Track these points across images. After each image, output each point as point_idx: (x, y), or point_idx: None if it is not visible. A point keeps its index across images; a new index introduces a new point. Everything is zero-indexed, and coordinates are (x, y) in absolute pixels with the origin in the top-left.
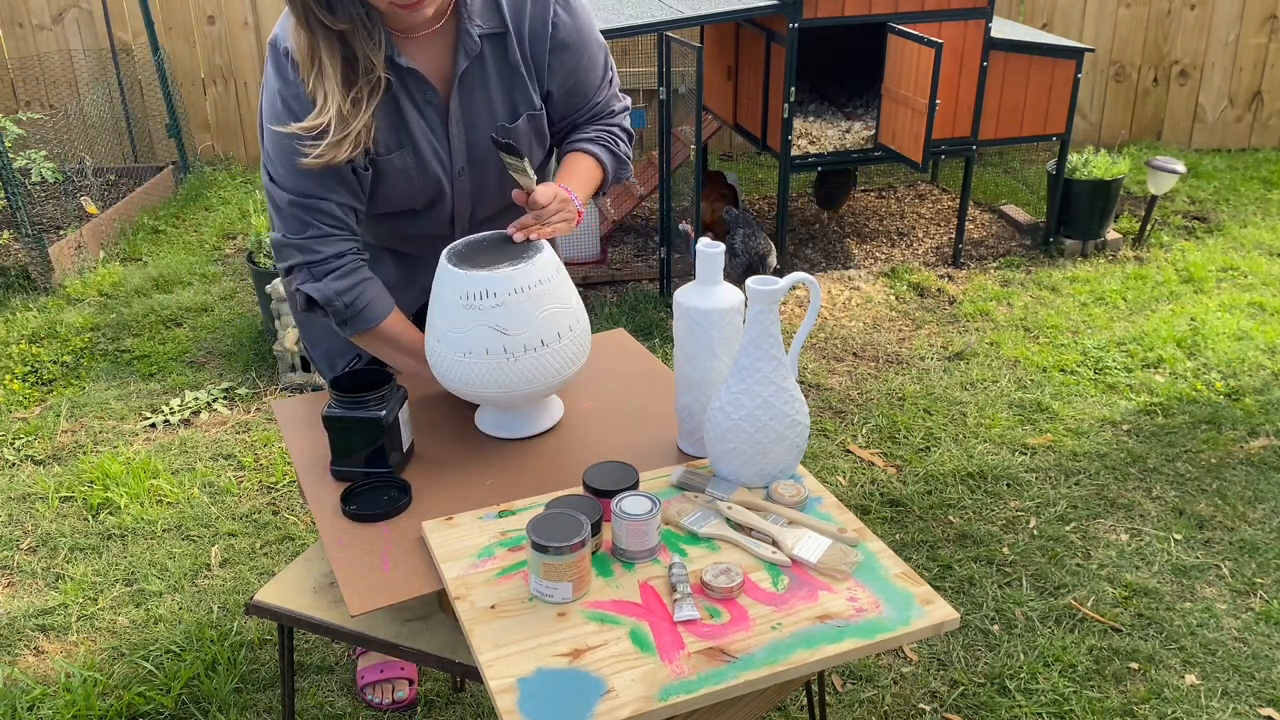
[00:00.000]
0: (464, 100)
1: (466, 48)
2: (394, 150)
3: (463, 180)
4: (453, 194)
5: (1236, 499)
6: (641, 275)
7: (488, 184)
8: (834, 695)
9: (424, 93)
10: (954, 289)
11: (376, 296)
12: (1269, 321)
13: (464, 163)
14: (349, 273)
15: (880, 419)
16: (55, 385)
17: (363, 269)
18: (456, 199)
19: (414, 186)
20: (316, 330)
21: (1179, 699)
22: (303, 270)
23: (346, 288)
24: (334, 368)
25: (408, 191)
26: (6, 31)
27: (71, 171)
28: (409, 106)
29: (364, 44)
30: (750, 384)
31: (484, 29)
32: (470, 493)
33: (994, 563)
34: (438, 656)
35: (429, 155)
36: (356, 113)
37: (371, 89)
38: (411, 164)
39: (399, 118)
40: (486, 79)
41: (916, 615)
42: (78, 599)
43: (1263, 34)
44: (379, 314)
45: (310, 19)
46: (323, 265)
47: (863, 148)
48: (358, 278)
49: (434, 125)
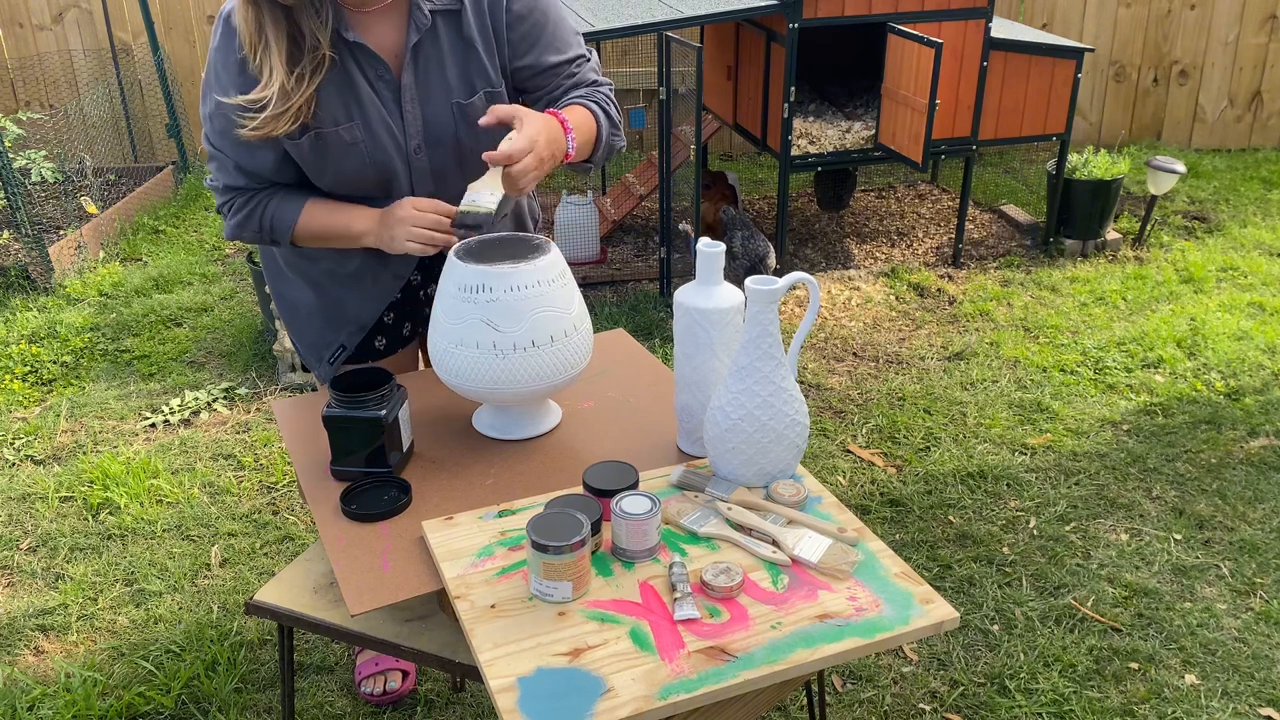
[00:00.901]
0: (418, 76)
1: (417, 22)
2: (342, 123)
3: (420, 158)
4: (410, 173)
5: (1236, 499)
6: (641, 275)
7: (448, 163)
8: (834, 695)
9: (375, 67)
10: (954, 289)
11: (277, 209)
12: (1269, 321)
13: (419, 140)
14: (243, 205)
15: (880, 419)
16: (55, 385)
17: (256, 196)
18: (415, 178)
19: (363, 160)
20: (300, 323)
21: (1179, 699)
22: (220, 213)
23: (244, 218)
24: (320, 359)
25: (358, 165)
26: (6, 31)
27: (71, 171)
28: (361, 80)
29: (310, 21)
30: (750, 384)
31: (436, 5)
32: (470, 493)
33: (994, 563)
34: (438, 656)
35: (380, 129)
36: (299, 89)
37: (315, 66)
38: (361, 136)
39: (350, 90)
40: (441, 55)
41: (916, 615)
42: (78, 599)
43: (1263, 34)
44: (290, 220)
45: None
46: (224, 210)
47: (863, 148)
48: (251, 205)
49: (386, 100)
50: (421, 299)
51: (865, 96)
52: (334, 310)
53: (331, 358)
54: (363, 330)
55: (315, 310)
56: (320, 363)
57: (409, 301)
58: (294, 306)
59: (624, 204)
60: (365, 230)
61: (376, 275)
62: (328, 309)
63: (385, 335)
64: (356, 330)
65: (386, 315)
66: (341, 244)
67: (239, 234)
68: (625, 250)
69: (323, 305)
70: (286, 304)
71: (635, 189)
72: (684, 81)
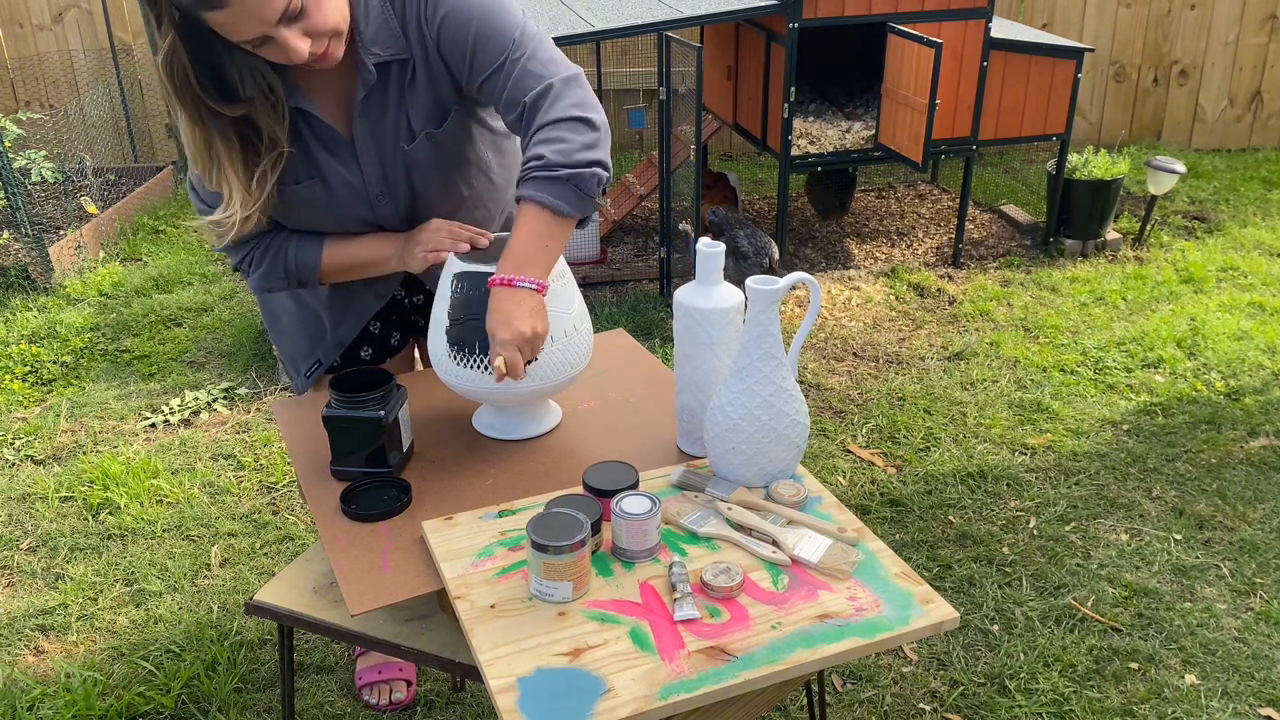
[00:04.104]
0: (371, 126)
1: (363, 78)
2: (303, 180)
3: (385, 203)
4: (377, 218)
5: (1236, 499)
6: (641, 275)
7: (414, 205)
8: (834, 695)
9: (326, 132)
10: (954, 289)
11: (297, 251)
12: (1269, 321)
13: (380, 187)
14: (260, 259)
15: (880, 419)
16: (55, 385)
17: (267, 243)
18: (385, 223)
19: (325, 215)
20: (281, 334)
21: (1179, 699)
22: (240, 271)
23: (268, 267)
24: (299, 370)
25: (322, 216)
26: (6, 31)
27: (71, 171)
28: (315, 143)
29: (267, 118)
30: (750, 384)
31: (381, 56)
32: (470, 493)
33: (994, 563)
34: (438, 656)
35: (338, 184)
36: (262, 189)
37: (275, 160)
38: (321, 193)
39: (306, 152)
40: (386, 105)
41: (916, 615)
42: (78, 599)
43: (1263, 34)
44: (312, 261)
45: (203, 112)
46: (243, 267)
47: (863, 148)
48: (271, 252)
49: (344, 158)
50: (408, 308)
51: (865, 96)
52: (313, 325)
53: (308, 370)
54: (341, 346)
55: (296, 322)
56: (297, 374)
57: (395, 312)
58: (276, 317)
59: (624, 204)
60: (391, 254)
61: (357, 295)
62: (307, 323)
63: (371, 345)
64: (334, 347)
65: (372, 325)
66: (370, 272)
67: (266, 284)
68: (625, 250)
69: (303, 318)
70: (270, 313)
71: (635, 189)
72: (684, 81)
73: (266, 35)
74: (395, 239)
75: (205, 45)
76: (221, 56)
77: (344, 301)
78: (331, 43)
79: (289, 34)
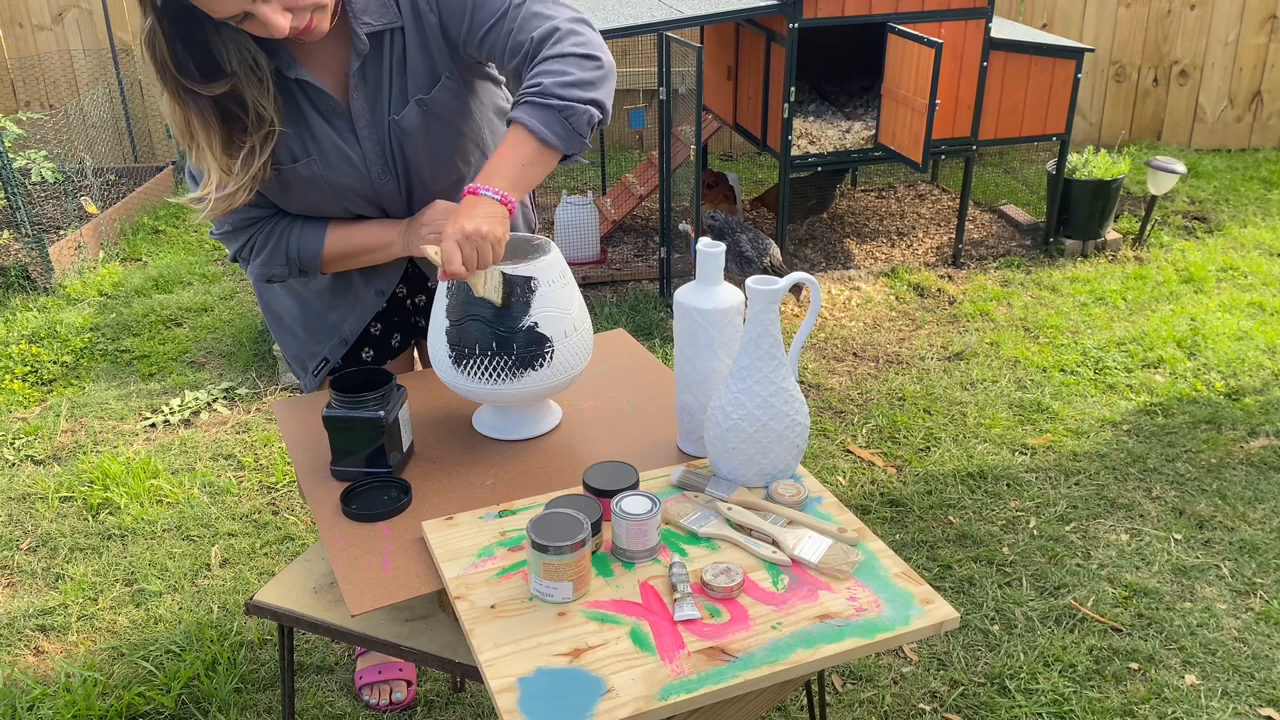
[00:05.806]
0: (368, 100)
1: (356, 48)
2: (300, 159)
3: (385, 180)
4: (379, 197)
5: (1236, 499)
6: (641, 275)
7: (411, 181)
8: (834, 695)
9: (325, 102)
10: (954, 289)
11: (300, 237)
12: (1269, 321)
13: (380, 165)
14: (262, 246)
15: (880, 419)
16: (55, 385)
17: (269, 229)
18: (386, 202)
19: (325, 192)
20: (285, 333)
21: (1179, 699)
22: (238, 261)
23: (269, 254)
24: (305, 369)
25: (321, 197)
26: (6, 31)
27: (71, 171)
28: (314, 115)
29: (254, 92)
30: (750, 384)
31: (374, 25)
32: (470, 493)
33: (994, 563)
34: (438, 656)
35: (338, 160)
36: (247, 169)
37: (265, 137)
38: (320, 171)
39: (304, 126)
40: (380, 75)
41: (916, 615)
42: (78, 599)
43: (1263, 34)
44: (315, 246)
45: (181, 91)
46: (243, 255)
47: (863, 148)
48: (272, 239)
49: (342, 131)
50: (409, 309)
51: (865, 96)
52: (316, 322)
53: (316, 369)
54: (345, 344)
55: (298, 321)
56: (305, 373)
57: (396, 313)
58: (278, 316)
59: (624, 204)
60: (395, 237)
61: (358, 292)
62: (310, 321)
63: (372, 347)
64: (339, 344)
65: (373, 326)
66: (374, 258)
67: (267, 272)
68: (625, 250)
69: (305, 316)
70: (271, 313)
71: (635, 189)
72: (684, 81)
73: (247, 11)
74: (398, 224)
75: (190, 22)
76: (207, 32)
77: (345, 298)
78: (315, 15)
79: (268, 9)
